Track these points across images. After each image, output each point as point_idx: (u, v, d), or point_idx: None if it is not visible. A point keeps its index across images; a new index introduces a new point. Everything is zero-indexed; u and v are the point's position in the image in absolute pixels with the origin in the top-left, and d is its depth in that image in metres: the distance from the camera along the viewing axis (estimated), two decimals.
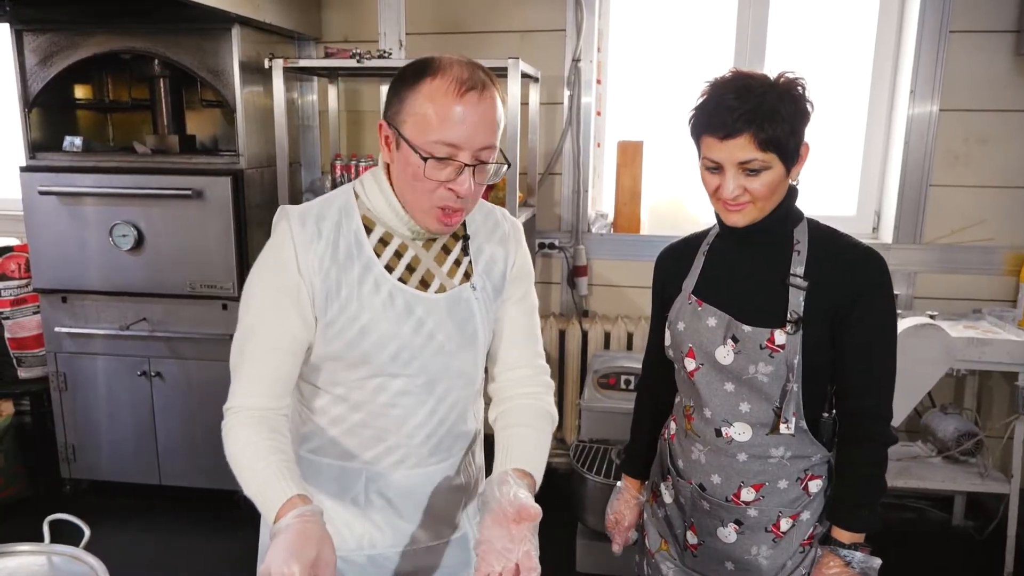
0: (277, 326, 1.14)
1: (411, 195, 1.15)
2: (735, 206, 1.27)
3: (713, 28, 3.18)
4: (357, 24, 3.28)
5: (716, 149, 1.24)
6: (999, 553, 2.69)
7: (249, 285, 1.18)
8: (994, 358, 2.56)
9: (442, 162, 1.10)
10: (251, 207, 2.92)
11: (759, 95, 1.20)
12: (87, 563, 1.16)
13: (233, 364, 1.17)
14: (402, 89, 1.12)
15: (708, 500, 1.38)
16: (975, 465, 2.75)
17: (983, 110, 2.92)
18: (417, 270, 1.20)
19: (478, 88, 1.09)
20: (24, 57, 2.93)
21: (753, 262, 1.34)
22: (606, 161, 3.36)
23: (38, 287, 3.03)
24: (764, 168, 1.23)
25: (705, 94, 1.27)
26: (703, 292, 1.37)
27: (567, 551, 2.72)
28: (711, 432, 1.36)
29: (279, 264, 1.14)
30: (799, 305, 1.27)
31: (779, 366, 1.27)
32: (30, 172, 2.93)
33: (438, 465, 1.26)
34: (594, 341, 3.18)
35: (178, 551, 2.82)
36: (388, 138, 1.15)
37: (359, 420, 1.21)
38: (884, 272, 1.29)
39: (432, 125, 1.08)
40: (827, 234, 1.34)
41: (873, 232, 3.20)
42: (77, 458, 3.14)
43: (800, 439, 1.32)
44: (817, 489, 1.36)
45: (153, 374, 3.02)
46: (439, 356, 1.21)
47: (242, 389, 1.15)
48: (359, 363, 1.17)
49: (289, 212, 1.17)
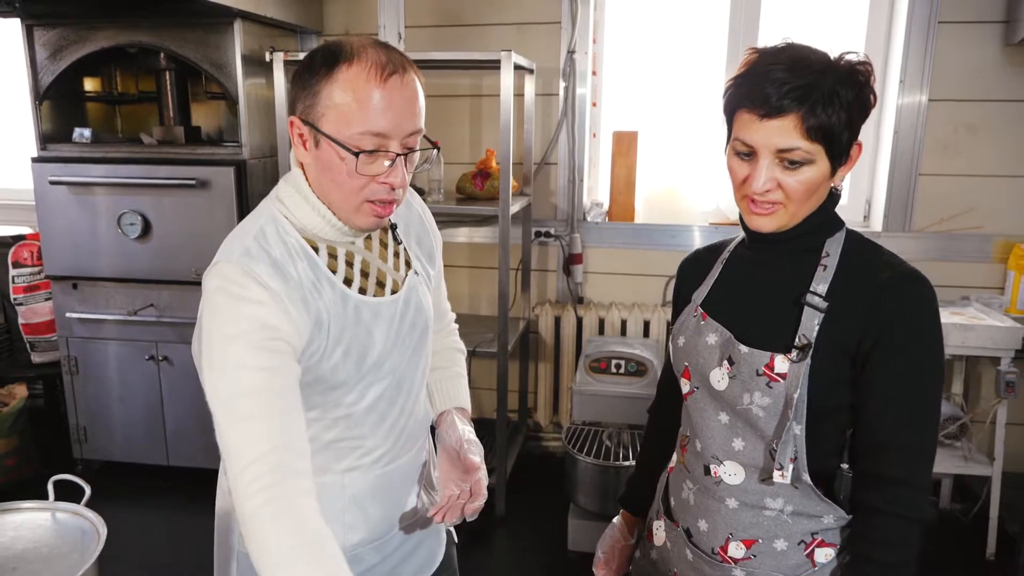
0: (280, 388, 1.01)
1: (338, 195, 1.05)
2: (763, 207, 1.06)
3: (706, 20, 3.23)
4: (357, 17, 3.36)
5: (752, 129, 1.02)
6: (984, 535, 2.75)
7: (219, 353, 1.01)
8: (978, 343, 2.61)
9: (372, 155, 1.02)
10: (254, 196, 3.00)
11: (817, 72, 0.99)
12: (87, 518, 1.25)
13: (226, 434, 0.99)
14: (313, 80, 1.02)
15: (693, 550, 1.17)
16: (960, 448, 2.81)
17: (972, 100, 2.96)
18: (371, 274, 1.15)
19: (399, 71, 1.01)
20: (35, 51, 3.02)
21: (771, 275, 1.13)
22: (601, 151, 3.42)
23: (50, 274, 3.13)
24: (806, 162, 1.01)
25: (749, 63, 1.05)
26: (711, 305, 1.18)
27: (559, 530, 2.80)
28: (700, 469, 1.16)
29: (260, 326, 1.00)
30: (812, 329, 1.04)
31: (777, 399, 1.05)
32: (41, 163, 3.03)
33: (409, 454, 1.26)
34: (589, 327, 3.25)
35: (186, 529, 2.92)
36: (303, 136, 1.05)
37: (334, 436, 1.15)
38: (927, 302, 1.04)
39: (355, 116, 1.00)
40: (866, 249, 1.11)
41: (864, 221, 3.25)
42: (88, 439, 3.25)
43: (805, 493, 1.08)
44: (826, 560, 1.10)
45: (161, 358, 3.12)
46: (405, 353, 1.20)
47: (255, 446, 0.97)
48: (338, 384, 1.11)
49: (243, 263, 1.02)
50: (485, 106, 3.31)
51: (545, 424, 3.45)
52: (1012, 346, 2.58)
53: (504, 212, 2.73)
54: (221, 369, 0.99)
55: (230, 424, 0.98)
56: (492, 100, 3.23)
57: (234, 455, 0.96)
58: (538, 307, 3.34)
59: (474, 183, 3.07)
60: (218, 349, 1.00)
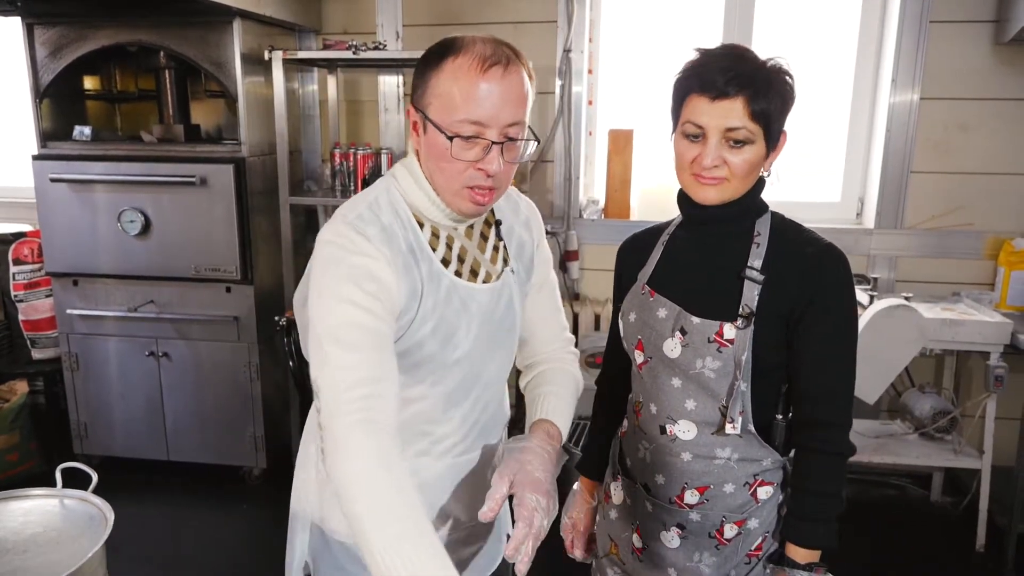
0: (382, 331, 1.07)
1: (441, 178, 1.12)
2: (711, 179, 1.19)
3: (701, 19, 3.26)
4: (356, 16, 3.38)
5: (703, 111, 1.16)
6: (973, 528, 2.79)
7: (330, 288, 1.07)
8: (967, 338, 2.65)
9: (469, 141, 1.07)
10: (253, 194, 3.03)
11: (756, 65, 1.16)
12: (95, 504, 1.28)
13: (331, 359, 1.04)
14: (426, 71, 1.10)
15: (652, 501, 1.31)
16: (950, 442, 2.85)
17: (963, 98, 3.00)
18: (466, 261, 1.19)
19: (502, 63, 1.07)
20: (35, 50, 3.04)
21: (711, 254, 1.27)
22: (597, 149, 3.45)
23: (50, 271, 3.16)
24: (748, 141, 1.16)
25: (695, 59, 1.20)
26: (657, 283, 1.31)
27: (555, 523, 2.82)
28: (656, 429, 1.29)
29: (368, 274, 1.07)
30: (753, 299, 1.20)
31: (727, 362, 1.20)
32: (42, 160, 3.05)
33: (480, 451, 1.27)
34: (585, 323, 3.29)
35: (185, 523, 2.96)
36: (416, 123, 1.13)
37: (411, 414, 1.18)
38: (844, 271, 1.21)
39: (456, 104, 1.06)
40: (790, 227, 1.27)
41: (857, 218, 3.29)
42: (89, 435, 3.28)
43: (748, 441, 1.24)
44: (767, 496, 1.27)
45: (161, 354, 3.15)
46: (486, 346, 1.21)
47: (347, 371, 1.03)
48: (421, 361, 1.15)
49: (356, 224, 1.10)
50: None
51: None
52: (1001, 341, 2.62)
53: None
54: (331, 302, 1.06)
55: (333, 348, 1.03)
56: None
57: (332, 377, 1.02)
58: None
59: None
60: (330, 287, 1.07)
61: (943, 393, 2.99)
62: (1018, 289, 2.93)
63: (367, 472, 0.97)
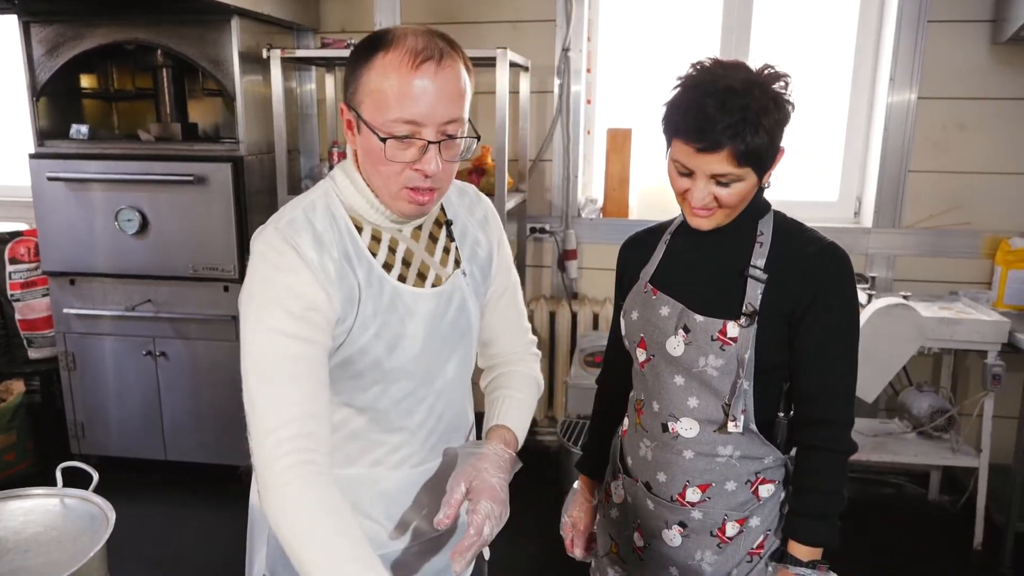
0: (311, 357, 1.03)
1: (378, 180, 1.07)
2: (703, 211, 1.21)
3: (700, 18, 3.26)
4: (354, 14, 3.38)
5: (690, 158, 1.17)
6: (971, 526, 2.80)
7: (255, 316, 1.03)
8: (964, 337, 2.65)
9: (404, 141, 1.02)
10: (251, 193, 3.02)
11: (742, 102, 1.11)
12: (96, 503, 1.28)
13: (255, 396, 1.01)
14: (357, 67, 1.03)
15: (653, 500, 1.31)
16: (947, 440, 2.86)
17: (961, 98, 3.01)
18: (412, 264, 1.15)
19: (435, 58, 1.00)
20: (32, 48, 3.03)
21: (714, 253, 1.28)
22: (596, 148, 3.45)
23: (47, 270, 3.15)
24: (738, 180, 1.16)
25: (682, 93, 1.18)
26: (660, 281, 1.31)
27: (553, 524, 2.83)
28: (658, 427, 1.29)
29: (294, 295, 1.02)
30: (756, 298, 1.20)
31: (730, 360, 1.21)
32: (38, 159, 3.04)
33: (440, 460, 1.22)
34: (583, 322, 3.29)
35: (183, 522, 2.95)
36: (349, 122, 1.07)
37: (361, 424, 1.15)
38: (846, 270, 1.22)
39: (389, 103, 1.00)
40: (792, 227, 1.28)
41: (855, 217, 3.29)
42: (86, 435, 3.27)
43: (750, 439, 1.25)
44: (768, 494, 1.28)
45: (158, 354, 3.14)
46: (439, 351, 1.17)
47: (277, 415, 1.00)
48: (366, 369, 1.11)
49: (286, 232, 1.05)
50: (481, 103, 3.33)
51: (540, 418, 3.48)
52: (999, 339, 2.63)
53: (499, 208, 2.76)
54: (256, 333, 1.02)
55: (260, 386, 1.00)
56: (487, 97, 3.26)
57: (262, 418, 0.99)
58: (533, 302, 3.37)
59: (470, 180, 3.10)
60: (254, 313, 1.03)
61: (941, 392, 2.99)
62: (1015, 288, 2.94)
63: (310, 522, 0.96)
